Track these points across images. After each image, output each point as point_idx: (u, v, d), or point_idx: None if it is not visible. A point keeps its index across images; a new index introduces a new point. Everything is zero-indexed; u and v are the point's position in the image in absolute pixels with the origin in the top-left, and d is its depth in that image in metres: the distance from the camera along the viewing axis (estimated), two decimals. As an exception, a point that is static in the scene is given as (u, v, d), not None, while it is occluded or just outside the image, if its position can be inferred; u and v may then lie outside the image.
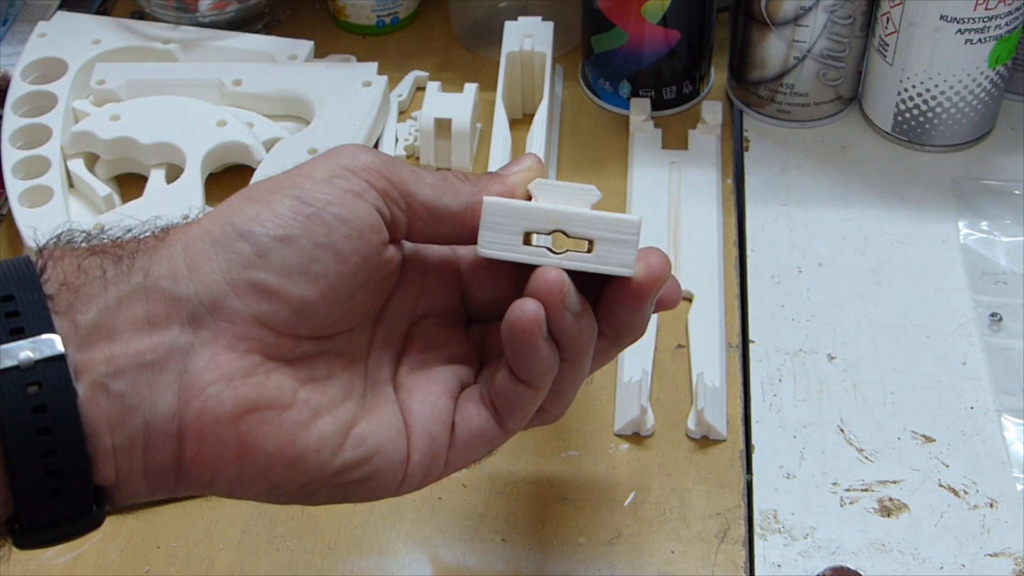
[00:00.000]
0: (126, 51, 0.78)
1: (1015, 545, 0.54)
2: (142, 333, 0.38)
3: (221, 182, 0.72)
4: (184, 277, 0.39)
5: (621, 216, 0.42)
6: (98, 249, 0.39)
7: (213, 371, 0.39)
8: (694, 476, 0.58)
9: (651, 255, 0.43)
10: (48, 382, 0.36)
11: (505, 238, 0.42)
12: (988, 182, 0.72)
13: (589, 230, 0.42)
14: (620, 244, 0.42)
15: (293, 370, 0.40)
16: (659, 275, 0.43)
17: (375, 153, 0.42)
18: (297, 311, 0.40)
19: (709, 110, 0.75)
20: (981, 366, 0.62)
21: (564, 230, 0.42)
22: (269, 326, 0.39)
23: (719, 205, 0.71)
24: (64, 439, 0.36)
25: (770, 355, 0.63)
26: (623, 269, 0.42)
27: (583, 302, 0.42)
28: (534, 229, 0.42)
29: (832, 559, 0.54)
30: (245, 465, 0.39)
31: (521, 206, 0.42)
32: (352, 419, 0.41)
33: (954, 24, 0.68)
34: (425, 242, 0.44)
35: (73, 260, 0.38)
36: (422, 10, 0.87)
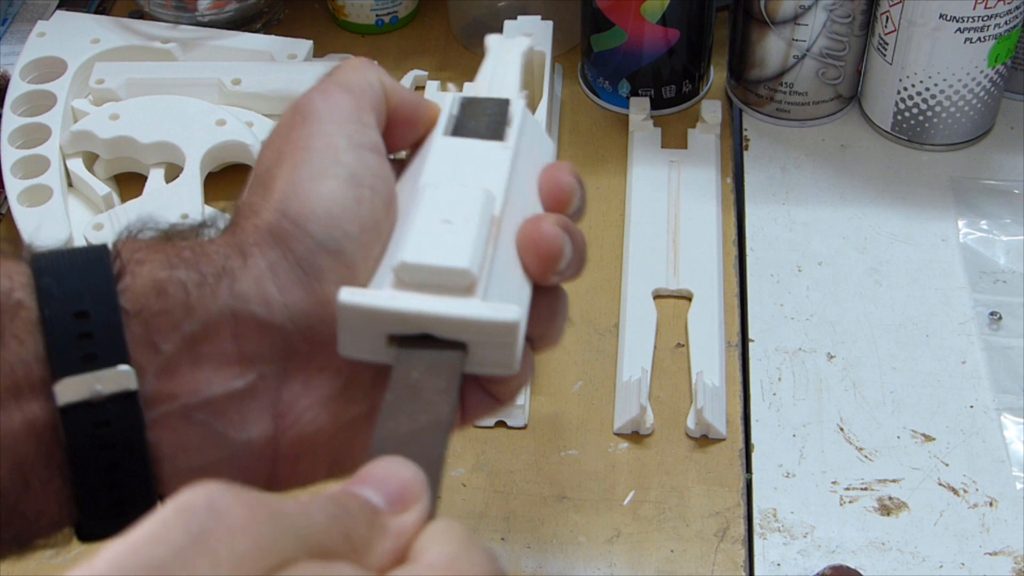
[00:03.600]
0: (125, 50, 0.78)
1: (1015, 544, 0.54)
2: (231, 364, 0.36)
3: (220, 181, 0.72)
4: (277, 303, 0.36)
5: (496, 319, 0.35)
6: (178, 259, 0.36)
7: (308, 396, 0.37)
8: (694, 475, 0.58)
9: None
10: (117, 421, 0.34)
11: (367, 341, 0.36)
12: (988, 181, 0.72)
13: (461, 335, 0.36)
14: (498, 348, 0.36)
15: (371, 374, 0.39)
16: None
17: (370, 79, 0.41)
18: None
19: (708, 109, 0.75)
20: (981, 365, 0.62)
21: (432, 334, 0.36)
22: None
23: (719, 204, 0.71)
24: (131, 473, 0.35)
25: (770, 354, 0.63)
26: (504, 370, 0.37)
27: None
28: (398, 332, 0.36)
29: (832, 558, 0.54)
30: (334, 474, 0.39)
31: (381, 310, 0.35)
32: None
33: (953, 23, 0.68)
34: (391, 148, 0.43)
35: (152, 271, 0.35)
36: (421, 9, 0.87)
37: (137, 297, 0.35)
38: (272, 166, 0.39)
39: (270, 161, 0.39)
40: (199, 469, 0.36)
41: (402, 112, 0.42)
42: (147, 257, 0.36)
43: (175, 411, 0.35)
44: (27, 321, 0.34)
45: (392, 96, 0.42)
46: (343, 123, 0.39)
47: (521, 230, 0.39)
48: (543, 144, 0.45)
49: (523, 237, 0.39)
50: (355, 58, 0.43)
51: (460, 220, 0.37)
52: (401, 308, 0.35)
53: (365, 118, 0.40)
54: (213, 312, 0.35)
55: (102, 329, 0.34)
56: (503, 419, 0.60)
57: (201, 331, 0.35)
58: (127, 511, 0.35)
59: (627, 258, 0.68)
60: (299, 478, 0.39)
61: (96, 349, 0.34)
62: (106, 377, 0.34)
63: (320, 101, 0.40)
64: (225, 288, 0.36)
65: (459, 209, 0.37)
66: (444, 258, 0.36)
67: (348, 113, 0.39)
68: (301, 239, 0.37)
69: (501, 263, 0.38)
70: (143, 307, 0.35)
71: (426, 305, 0.35)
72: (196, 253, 0.36)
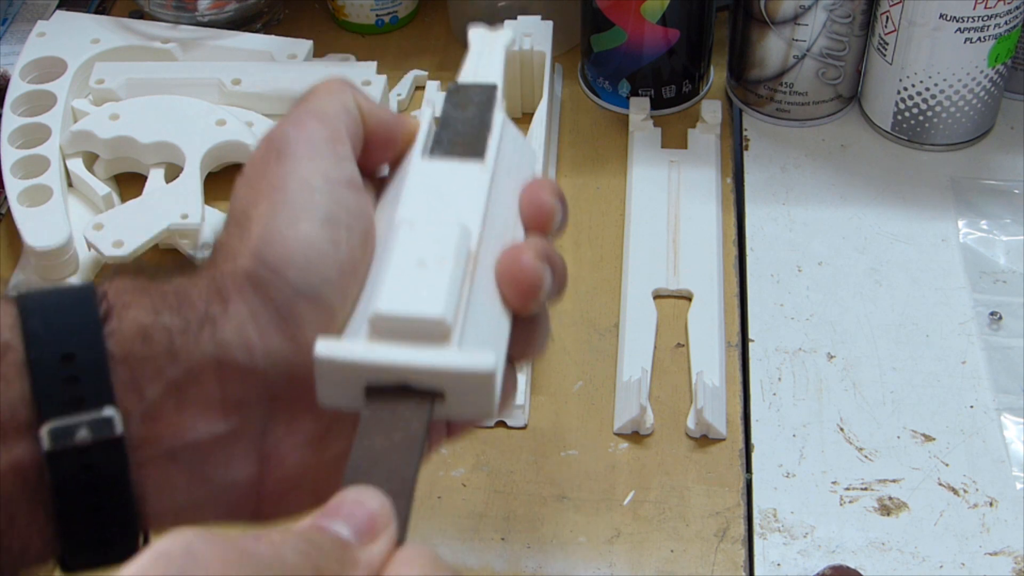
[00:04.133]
0: (125, 50, 0.78)
1: (1015, 544, 0.54)
2: (215, 409, 0.36)
3: (220, 181, 0.72)
4: (259, 349, 0.36)
5: (470, 369, 0.35)
6: (162, 303, 0.36)
7: (292, 437, 0.38)
8: (694, 475, 0.58)
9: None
10: (103, 464, 0.34)
11: (345, 391, 0.36)
12: (988, 181, 0.72)
13: (437, 384, 0.35)
14: (474, 394, 0.36)
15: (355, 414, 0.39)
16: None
17: (346, 103, 0.40)
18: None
19: (708, 109, 0.75)
20: (981, 365, 0.62)
21: (409, 384, 0.35)
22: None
23: (718, 204, 0.71)
24: (116, 513, 0.35)
25: (769, 354, 0.63)
26: (481, 414, 0.36)
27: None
28: (374, 383, 0.36)
29: (832, 558, 0.54)
30: (319, 505, 0.39)
31: (356, 363, 0.35)
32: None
33: (953, 23, 0.68)
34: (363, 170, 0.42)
35: (138, 315, 0.35)
36: (421, 9, 0.86)
37: (123, 341, 0.35)
38: (248, 206, 0.38)
39: (246, 200, 0.39)
40: (184, 508, 0.37)
41: (380, 132, 0.41)
42: (132, 300, 0.36)
43: (160, 454, 0.35)
44: (14, 363, 0.34)
45: (369, 118, 0.41)
46: (318, 159, 0.39)
47: (500, 263, 0.39)
48: (524, 153, 0.45)
49: (502, 271, 0.39)
50: (329, 80, 0.42)
51: (435, 262, 0.37)
52: (375, 361, 0.35)
53: (340, 150, 0.39)
54: (196, 358, 0.35)
55: (88, 372, 0.34)
56: (503, 419, 0.60)
57: (185, 377, 0.35)
58: (111, 547, 0.36)
59: (627, 258, 0.68)
60: (285, 511, 0.39)
61: (82, 392, 0.34)
62: (92, 421, 0.34)
63: (294, 134, 0.39)
64: (208, 335, 0.36)
65: (434, 249, 0.37)
66: (418, 307, 0.35)
67: (323, 146, 0.39)
68: (279, 287, 0.36)
69: (478, 300, 0.37)
70: (129, 352, 0.35)
71: (400, 356, 0.35)
72: (179, 298, 0.36)
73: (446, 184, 0.40)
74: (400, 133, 0.42)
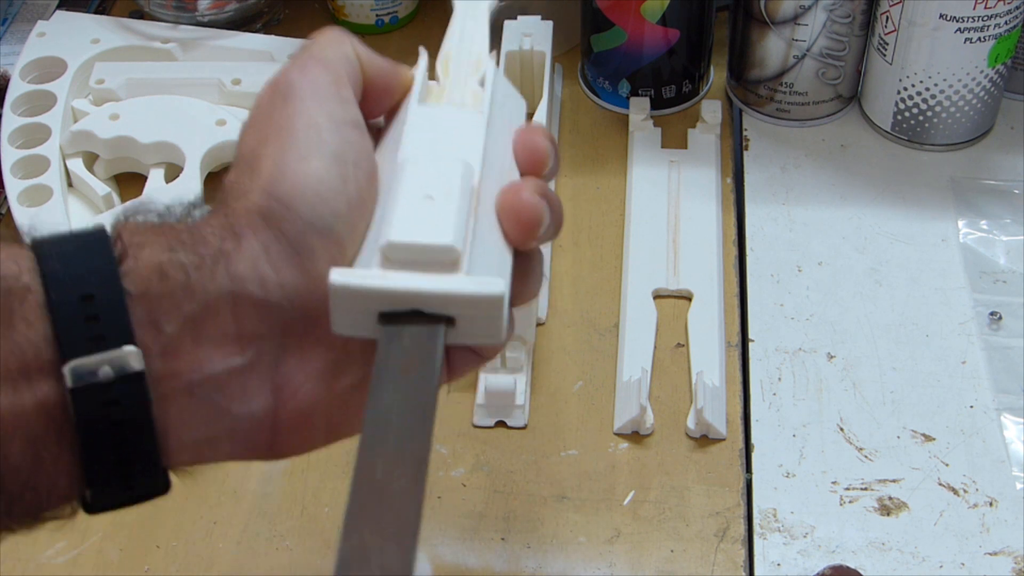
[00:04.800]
0: (125, 50, 0.78)
1: (1015, 544, 0.54)
2: (231, 342, 0.37)
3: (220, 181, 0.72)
4: (272, 282, 0.37)
5: (481, 293, 0.36)
6: (176, 241, 0.37)
7: (304, 369, 0.38)
8: (694, 475, 0.58)
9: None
10: (125, 400, 0.35)
11: (358, 318, 0.37)
12: (987, 181, 0.72)
13: (448, 310, 0.37)
14: (484, 320, 0.37)
15: (362, 346, 0.39)
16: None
17: (346, 51, 0.42)
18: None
19: (708, 109, 0.75)
20: (981, 365, 0.62)
21: (421, 309, 0.37)
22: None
23: (719, 204, 0.71)
24: (138, 447, 0.36)
25: (769, 354, 0.63)
26: (490, 339, 0.38)
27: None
28: (387, 310, 0.37)
29: (832, 558, 0.54)
30: (331, 439, 0.40)
31: (371, 289, 0.36)
32: None
33: (953, 23, 0.68)
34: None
35: (153, 254, 0.36)
36: (421, 9, 0.87)
37: (140, 280, 0.36)
38: (257, 146, 0.39)
39: (254, 141, 0.40)
40: (203, 441, 0.37)
41: (378, 81, 0.43)
42: (147, 240, 0.36)
43: (179, 388, 0.36)
44: (35, 304, 0.35)
45: (368, 66, 0.43)
46: (323, 100, 0.40)
47: (501, 199, 0.40)
48: (516, 102, 0.46)
49: (503, 207, 0.40)
50: (328, 29, 0.43)
51: (441, 195, 0.38)
52: (389, 287, 0.36)
53: (344, 93, 0.41)
54: (212, 293, 0.36)
55: (108, 311, 0.35)
56: (503, 419, 0.60)
57: (201, 311, 0.36)
58: (134, 484, 0.36)
59: (627, 258, 0.68)
60: (298, 445, 0.40)
61: (103, 331, 0.35)
62: (113, 358, 0.35)
63: (299, 78, 0.40)
64: (222, 270, 0.36)
65: (439, 184, 0.38)
66: (429, 235, 0.37)
67: (327, 89, 0.40)
68: (291, 220, 0.37)
69: (482, 233, 0.38)
70: (146, 289, 0.35)
71: (414, 283, 0.36)
72: (193, 236, 0.37)
73: (444, 127, 0.41)
74: (397, 83, 0.44)
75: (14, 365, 0.34)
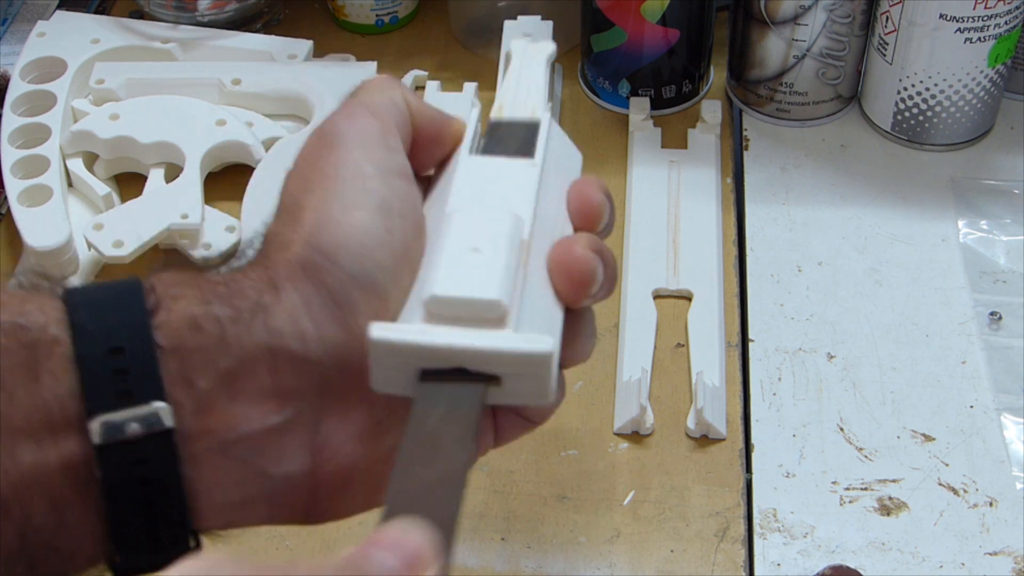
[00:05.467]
0: (125, 50, 0.78)
1: (1015, 544, 0.54)
2: (268, 400, 0.35)
3: (220, 181, 0.72)
4: (312, 337, 0.36)
5: (529, 351, 0.35)
6: (212, 293, 0.35)
7: (345, 429, 0.37)
8: (694, 475, 0.58)
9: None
10: (154, 458, 0.33)
11: (399, 375, 0.35)
12: (987, 181, 0.72)
13: (494, 368, 0.35)
14: (531, 379, 0.35)
15: (407, 406, 0.37)
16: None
17: (395, 99, 0.40)
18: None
19: (708, 109, 0.75)
20: (981, 365, 0.62)
21: (465, 367, 0.35)
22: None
23: (718, 204, 0.71)
24: (168, 509, 0.34)
25: (769, 354, 0.63)
26: (538, 400, 0.36)
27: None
28: (429, 367, 0.35)
29: (832, 558, 0.54)
30: (372, 504, 0.39)
31: (413, 344, 0.35)
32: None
33: (953, 23, 0.68)
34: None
35: (188, 306, 0.35)
36: (421, 9, 0.87)
37: (173, 333, 0.34)
38: (300, 195, 0.38)
39: (298, 190, 0.38)
40: (236, 504, 0.36)
41: (427, 131, 0.41)
42: (182, 292, 0.35)
43: (212, 447, 0.35)
44: (62, 357, 0.33)
45: (417, 115, 0.41)
46: (370, 149, 0.39)
47: (552, 254, 0.39)
48: (571, 156, 0.44)
49: (555, 262, 0.38)
50: (379, 76, 0.42)
51: (489, 248, 0.36)
52: (432, 343, 0.35)
53: (392, 142, 0.39)
54: (249, 348, 0.35)
55: (137, 365, 0.33)
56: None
57: (237, 367, 0.35)
58: (163, 546, 0.35)
59: (627, 258, 0.68)
60: (338, 510, 0.38)
61: (131, 386, 0.33)
62: (142, 414, 0.33)
63: (346, 126, 0.39)
64: (260, 323, 0.35)
65: (487, 236, 0.37)
66: (474, 290, 0.35)
67: (375, 138, 0.39)
68: (333, 273, 0.36)
69: (532, 289, 0.37)
70: (179, 343, 0.34)
71: (457, 339, 0.35)
72: (230, 288, 0.36)
73: (496, 178, 0.40)
74: (447, 133, 0.42)
75: (38, 420, 0.33)
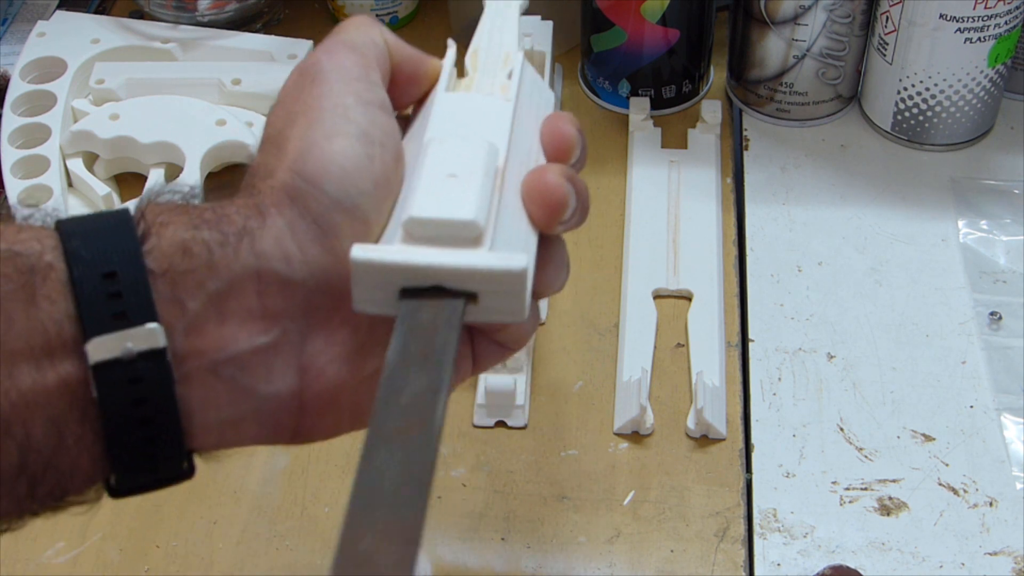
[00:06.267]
0: (125, 50, 0.78)
1: (1015, 544, 0.54)
2: (256, 320, 0.37)
3: (220, 181, 0.72)
4: (297, 259, 0.37)
5: (504, 268, 0.36)
6: (200, 219, 0.37)
7: (330, 350, 0.38)
8: (693, 475, 0.58)
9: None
10: (148, 377, 0.35)
11: (380, 295, 0.37)
12: (987, 181, 0.72)
13: (470, 285, 0.36)
14: (506, 296, 0.37)
15: (389, 328, 0.39)
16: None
17: (374, 37, 0.42)
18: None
19: (708, 109, 0.75)
20: (981, 365, 0.62)
21: (442, 285, 0.36)
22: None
23: (719, 204, 0.71)
24: (162, 427, 0.35)
25: (769, 354, 0.63)
26: (512, 317, 0.37)
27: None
28: (409, 285, 0.36)
29: (832, 558, 0.54)
30: (356, 424, 0.40)
31: (393, 264, 0.36)
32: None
33: (953, 23, 0.68)
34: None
35: (176, 232, 0.36)
36: (421, 9, 0.87)
37: (163, 257, 0.35)
38: (284, 127, 0.40)
39: (281, 122, 0.40)
40: (227, 422, 0.37)
41: (405, 69, 0.43)
42: (170, 219, 0.36)
43: (203, 367, 0.36)
44: (57, 282, 0.34)
45: (395, 53, 0.43)
46: (351, 82, 0.40)
47: (526, 181, 0.40)
48: (544, 95, 0.46)
49: (528, 188, 0.40)
50: (358, 16, 0.44)
51: (465, 173, 0.38)
52: (411, 261, 0.36)
53: (372, 76, 0.41)
54: (236, 270, 0.36)
55: (130, 288, 0.35)
56: (503, 419, 0.60)
57: (226, 289, 0.36)
58: (158, 465, 0.36)
59: (627, 258, 0.68)
60: (324, 430, 0.40)
61: (125, 308, 0.34)
62: (136, 335, 0.34)
63: (327, 61, 0.41)
64: (247, 247, 0.36)
65: (463, 162, 0.38)
66: (451, 211, 0.37)
67: (355, 72, 0.40)
68: (317, 198, 0.37)
69: (507, 214, 0.38)
70: (169, 267, 0.35)
71: (435, 257, 0.36)
72: (217, 214, 0.37)
73: (472, 112, 0.41)
74: (425, 71, 0.44)
75: (36, 343, 0.34)
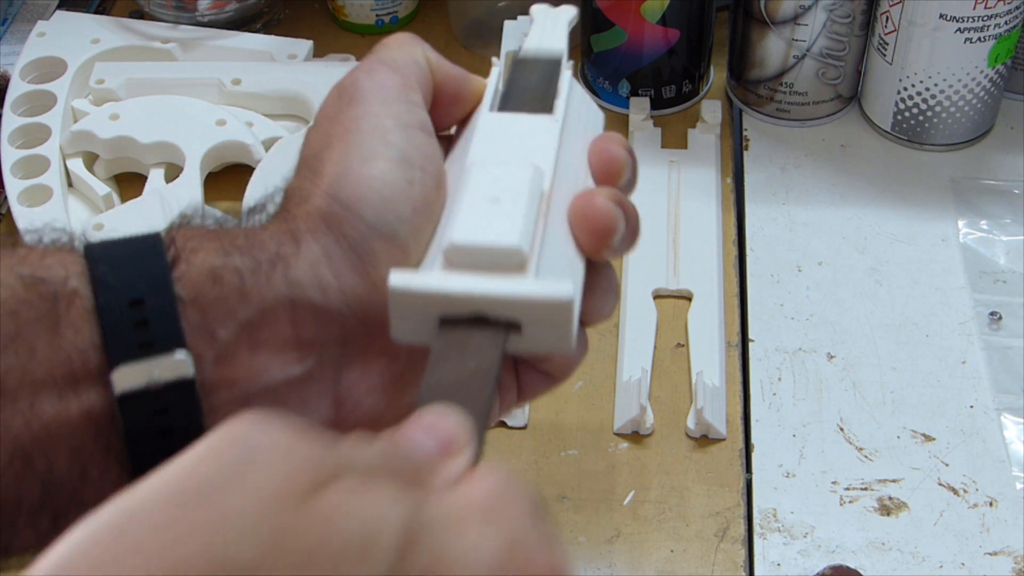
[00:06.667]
0: (125, 50, 0.78)
1: (1015, 544, 0.54)
2: (290, 350, 0.35)
3: (220, 181, 0.72)
4: (333, 288, 0.36)
5: (549, 296, 0.34)
6: (231, 245, 0.35)
7: (367, 380, 0.37)
8: (693, 475, 0.58)
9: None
10: (175, 408, 0.33)
11: (419, 324, 0.35)
12: (987, 181, 0.72)
13: (513, 314, 0.34)
14: (552, 326, 0.35)
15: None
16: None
17: (415, 56, 0.41)
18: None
19: (708, 109, 0.75)
20: (981, 365, 0.62)
21: (484, 314, 0.35)
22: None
23: (718, 204, 0.71)
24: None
25: (769, 354, 0.63)
26: (559, 347, 0.36)
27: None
28: (449, 314, 0.35)
29: (831, 558, 0.54)
30: None
31: (432, 292, 0.34)
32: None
33: (953, 23, 0.68)
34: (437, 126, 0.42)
35: (207, 258, 0.35)
36: (421, 9, 0.87)
37: (192, 284, 0.34)
38: (320, 149, 0.38)
39: (318, 144, 0.38)
40: None
41: (448, 88, 0.41)
42: (201, 245, 0.35)
43: (234, 398, 0.35)
44: (82, 310, 0.33)
45: (438, 72, 0.41)
46: (390, 103, 0.39)
47: (573, 205, 0.38)
48: (592, 115, 0.44)
49: (575, 212, 0.38)
50: (399, 33, 0.42)
51: (509, 198, 0.36)
52: (451, 289, 0.34)
53: (412, 97, 0.39)
54: (269, 298, 0.35)
55: (158, 316, 0.33)
56: (503, 419, 0.60)
57: (258, 317, 0.35)
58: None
59: (627, 258, 0.68)
60: None
61: (152, 336, 0.33)
62: (163, 364, 0.33)
63: (366, 81, 0.39)
64: (280, 274, 0.35)
65: (507, 186, 0.37)
66: (493, 237, 0.35)
67: (395, 92, 0.39)
68: (354, 224, 0.36)
69: (552, 239, 0.37)
70: (199, 294, 0.34)
71: (476, 285, 0.34)
72: (249, 240, 0.36)
73: (516, 134, 0.40)
74: (468, 91, 0.42)
75: (60, 372, 0.33)
